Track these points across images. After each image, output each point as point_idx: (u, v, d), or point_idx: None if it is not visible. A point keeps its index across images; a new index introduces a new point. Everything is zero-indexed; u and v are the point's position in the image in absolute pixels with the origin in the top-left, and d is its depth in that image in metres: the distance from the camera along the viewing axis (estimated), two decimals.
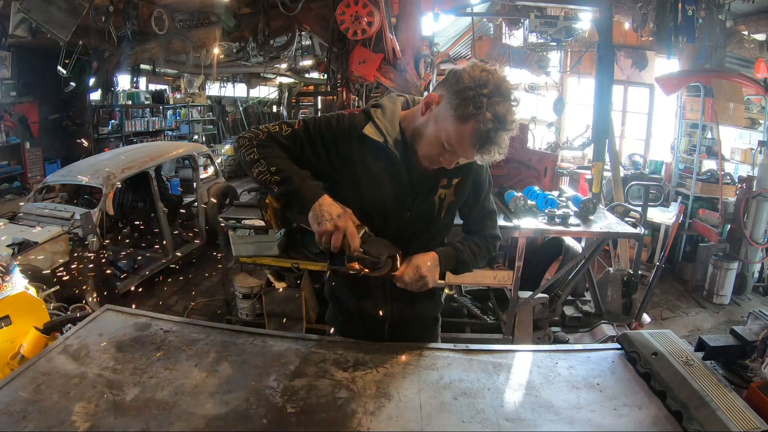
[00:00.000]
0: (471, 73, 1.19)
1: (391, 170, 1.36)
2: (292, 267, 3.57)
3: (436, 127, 1.26)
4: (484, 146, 1.19)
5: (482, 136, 1.17)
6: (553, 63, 8.35)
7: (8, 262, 1.78)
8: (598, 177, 4.56)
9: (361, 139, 1.35)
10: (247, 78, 13.34)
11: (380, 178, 1.37)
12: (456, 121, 1.19)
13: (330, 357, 1.38)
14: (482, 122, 1.16)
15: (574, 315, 3.56)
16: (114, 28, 5.38)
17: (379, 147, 1.34)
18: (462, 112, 1.17)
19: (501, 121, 1.16)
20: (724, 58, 5.66)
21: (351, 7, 4.79)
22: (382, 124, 1.35)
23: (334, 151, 1.37)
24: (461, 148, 1.23)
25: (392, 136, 1.35)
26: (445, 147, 1.25)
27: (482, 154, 1.21)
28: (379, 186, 1.37)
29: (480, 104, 1.15)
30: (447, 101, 1.22)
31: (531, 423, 1.15)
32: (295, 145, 1.35)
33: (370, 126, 1.35)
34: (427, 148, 1.30)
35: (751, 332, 1.33)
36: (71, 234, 4.03)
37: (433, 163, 1.32)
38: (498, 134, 1.17)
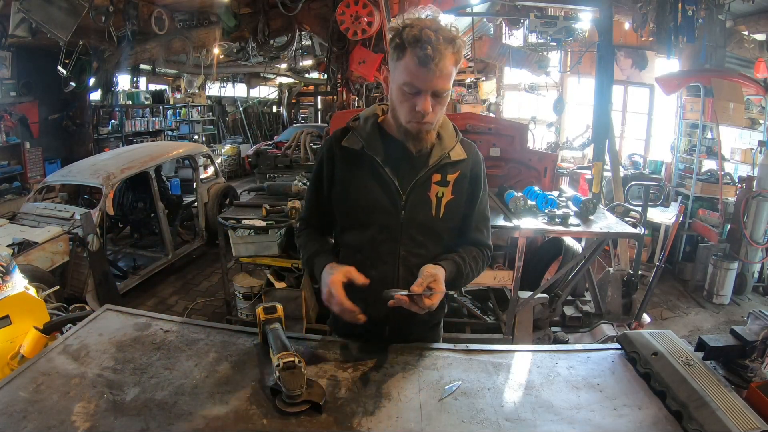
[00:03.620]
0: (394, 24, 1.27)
1: (375, 174, 1.39)
2: (292, 267, 3.57)
3: (394, 84, 1.30)
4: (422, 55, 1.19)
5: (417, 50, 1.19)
6: (553, 63, 8.36)
7: (8, 262, 1.78)
8: (598, 177, 4.55)
9: (342, 152, 1.42)
10: (247, 78, 13.36)
11: (366, 184, 1.40)
12: (398, 62, 1.26)
13: (330, 357, 1.38)
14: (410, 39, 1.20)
15: (574, 315, 3.56)
16: (114, 28, 5.38)
17: (358, 155, 1.39)
18: (397, 51, 1.25)
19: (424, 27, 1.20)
20: (724, 58, 5.66)
21: (351, 7, 4.79)
22: (360, 132, 1.41)
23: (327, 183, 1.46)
24: (414, 78, 1.23)
25: (371, 141, 1.39)
26: (407, 92, 1.26)
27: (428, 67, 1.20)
28: (367, 192, 1.40)
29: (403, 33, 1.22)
30: (390, 58, 1.30)
31: (531, 423, 1.15)
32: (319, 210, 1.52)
33: (349, 137, 1.41)
34: (401, 109, 1.30)
35: (751, 332, 1.33)
36: (71, 234, 4.03)
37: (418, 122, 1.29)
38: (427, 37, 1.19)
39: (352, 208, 1.43)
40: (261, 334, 1.39)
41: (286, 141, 7.96)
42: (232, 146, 11.54)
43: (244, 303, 3.71)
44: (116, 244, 5.70)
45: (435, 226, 1.42)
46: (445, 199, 1.40)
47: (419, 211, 1.39)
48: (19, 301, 1.73)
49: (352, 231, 1.46)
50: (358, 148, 1.38)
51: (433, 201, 1.40)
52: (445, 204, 1.41)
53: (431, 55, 1.19)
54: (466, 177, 1.43)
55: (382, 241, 1.41)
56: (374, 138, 1.39)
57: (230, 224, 3.49)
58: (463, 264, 1.42)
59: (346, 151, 1.40)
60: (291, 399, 1.13)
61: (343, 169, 1.42)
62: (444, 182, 1.40)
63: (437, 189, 1.39)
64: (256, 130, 14.49)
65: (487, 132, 3.88)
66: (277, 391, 1.16)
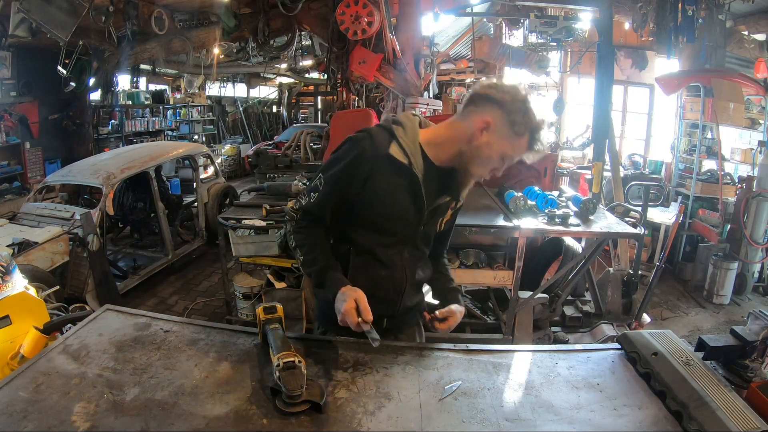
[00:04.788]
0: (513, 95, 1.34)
1: (411, 190, 1.42)
2: (292, 267, 3.57)
3: (498, 147, 1.38)
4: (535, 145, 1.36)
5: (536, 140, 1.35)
6: (553, 63, 8.35)
7: (8, 262, 1.78)
8: (598, 177, 4.55)
9: (386, 160, 1.40)
10: (247, 78, 13.36)
11: (399, 197, 1.43)
12: (515, 137, 1.35)
13: (330, 357, 1.38)
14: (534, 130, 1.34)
15: (574, 315, 3.55)
16: (114, 28, 5.38)
17: (401, 167, 1.40)
18: (519, 129, 1.34)
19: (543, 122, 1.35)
20: (724, 58, 5.66)
21: (351, 7, 4.79)
22: (406, 144, 1.41)
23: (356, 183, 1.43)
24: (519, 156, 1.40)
25: (415, 158, 1.41)
26: (504, 160, 1.40)
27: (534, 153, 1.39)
28: (396, 204, 1.44)
29: (529, 117, 1.33)
30: (502, 122, 1.35)
31: (531, 423, 1.15)
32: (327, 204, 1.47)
33: (395, 146, 1.41)
34: (484, 168, 1.42)
35: (751, 332, 1.33)
36: (71, 234, 4.03)
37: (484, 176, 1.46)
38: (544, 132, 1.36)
39: (379, 215, 1.45)
40: (261, 334, 1.39)
41: (286, 141, 7.97)
42: (232, 146, 11.53)
43: (244, 303, 3.71)
44: (116, 244, 5.70)
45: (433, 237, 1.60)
46: (446, 219, 1.58)
47: (431, 227, 1.54)
48: (19, 301, 1.73)
49: (369, 234, 1.48)
50: (405, 163, 1.40)
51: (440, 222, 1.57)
52: (445, 222, 1.59)
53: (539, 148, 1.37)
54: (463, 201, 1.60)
55: (394, 245, 1.50)
56: (418, 156, 1.42)
57: (230, 224, 3.49)
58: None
59: (390, 160, 1.40)
60: (291, 399, 1.13)
61: (382, 176, 1.41)
62: (455, 208, 1.58)
63: (449, 214, 1.57)
64: (256, 130, 14.49)
65: None
66: (277, 391, 1.16)
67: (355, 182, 1.41)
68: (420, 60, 5.53)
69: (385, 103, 5.99)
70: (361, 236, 1.49)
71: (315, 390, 1.17)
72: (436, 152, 1.44)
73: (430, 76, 5.89)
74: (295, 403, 1.13)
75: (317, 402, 1.14)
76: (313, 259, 1.46)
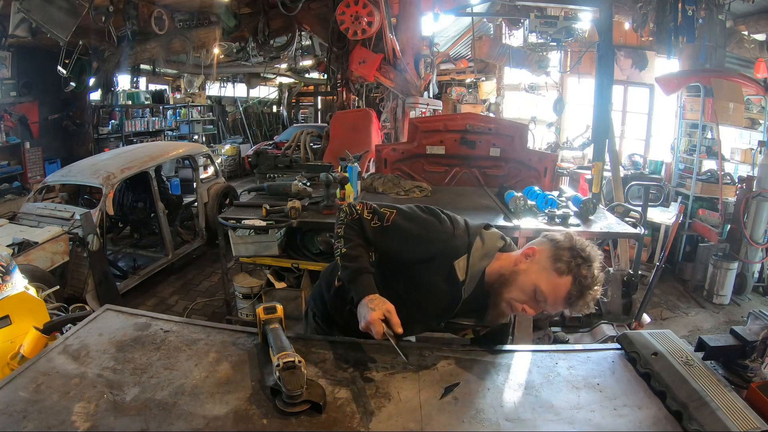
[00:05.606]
0: (570, 238, 1.33)
1: (449, 302, 1.43)
2: (292, 267, 3.57)
3: (534, 277, 1.32)
4: (577, 300, 1.28)
5: (577, 291, 1.27)
6: (553, 63, 8.36)
7: (8, 262, 1.78)
8: (598, 177, 4.55)
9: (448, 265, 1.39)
10: (247, 78, 13.36)
11: (434, 302, 1.44)
12: (554, 273, 1.29)
13: (330, 357, 1.38)
14: (579, 278, 1.27)
15: (574, 315, 3.55)
16: (114, 28, 5.38)
17: (454, 277, 1.39)
18: (561, 267, 1.29)
19: (595, 280, 1.28)
20: (724, 58, 5.66)
21: (351, 7, 4.79)
22: (473, 263, 1.40)
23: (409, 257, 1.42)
24: (552, 299, 1.30)
25: (472, 280, 1.40)
26: (535, 296, 1.32)
27: (570, 307, 1.30)
28: (429, 305, 1.45)
29: (578, 263, 1.27)
30: (546, 255, 1.32)
31: (531, 423, 1.15)
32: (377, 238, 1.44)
33: (463, 261, 1.39)
34: (517, 293, 1.35)
35: (751, 332, 1.33)
36: (71, 234, 4.03)
37: (513, 310, 1.38)
38: (590, 291, 1.27)
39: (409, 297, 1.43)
40: (261, 334, 1.39)
41: (286, 141, 7.97)
42: (232, 146, 11.53)
43: (244, 303, 3.71)
44: (116, 244, 5.70)
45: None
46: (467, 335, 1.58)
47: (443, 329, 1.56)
48: (19, 301, 1.73)
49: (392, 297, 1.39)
50: (461, 279, 1.39)
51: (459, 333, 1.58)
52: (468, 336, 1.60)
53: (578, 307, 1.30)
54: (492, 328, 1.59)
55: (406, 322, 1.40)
56: (474, 280, 1.41)
57: (230, 224, 3.48)
58: None
59: (451, 269, 1.39)
60: (291, 399, 1.13)
61: (435, 273, 1.40)
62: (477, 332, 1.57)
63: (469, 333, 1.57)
64: (256, 130, 14.49)
65: (487, 132, 3.88)
66: (277, 391, 1.16)
67: (409, 255, 1.42)
68: (420, 60, 5.54)
69: (385, 103, 5.99)
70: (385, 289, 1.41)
71: (315, 390, 1.17)
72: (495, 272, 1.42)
73: (430, 76, 5.89)
74: (295, 403, 1.13)
75: (317, 402, 1.14)
76: (355, 257, 1.42)
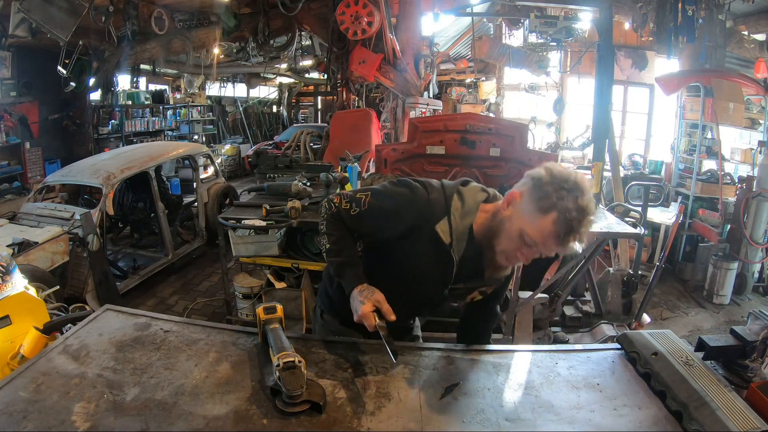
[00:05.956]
0: (550, 171, 1.23)
1: (443, 269, 1.39)
2: (292, 267, 3.57)
3: (518, 222, 1.26)
4: (567, 236, 1.20)
5: (565, 226, 1.18)
6: (553, 63, 8.36)
7: (8, 262, 1.78)
8: (598, 177, 4.55)
9: (430, 232, 1.35)
10: (247, 78, 13.35)
11: (429, 272, 1.41)
12: (538, 213, 1.21)
13: (330, 357, 1.38)
14: (564, 212, 1.17)
15: (574, 315, 3.55)
16: (114, 28, 5.38)
17: (441, 244, 1.35)
18: (543, 204, 1.20)
19: (582, 210, 1.19)
20: (724, 58, 5.66)
21: (351, 7, 4.79)
22: (455, 223, 1.35)
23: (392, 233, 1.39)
24: (542, 240, 1.23)
25: (459, 240, 1.36)
26: (525, 241, 1.25)
27: (563, 245, 1.22)
28: (424, 278, 1.42)
29: (561, 196, 1.18)
30: (528, 196, 1.24)
31: (531, 423, 1.15)
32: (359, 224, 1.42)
33: (444, 223, 1.35)
34: (507, 243, 1.30)
35: (751, 332, 1.33)
36: (71, 234, 4.03)
37: (510, 260, 1.34)
38: (580, 223, 1.19)
39: (405, 275, 1.42)
40: (261, 334, 1.39)
41: (286, 141, 7.96)
42: (232, 146, 11.53)
43: (244, 303, 3.71)
44: (116, 244, 5.70)
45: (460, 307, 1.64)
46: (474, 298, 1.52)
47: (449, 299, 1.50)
48: (19, 301, 1.73)
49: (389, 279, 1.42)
50: (446, 243, 1.35)
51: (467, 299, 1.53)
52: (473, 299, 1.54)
53: (571, 242, 1.21)
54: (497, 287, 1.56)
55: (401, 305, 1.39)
56: (462, 240, 1.37)
57: (230, 224, 3.48)
58: None
59: (434, 234, 1.35)
60: (291, 399, 1.13)
61: (420, 243, 1.37)
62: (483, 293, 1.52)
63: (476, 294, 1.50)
64: (256, 130, 14.49)
65: (487, 132, 3.87)
66: (277, 391, 1.16)
67: (391, 232, 1.39)
68: (420, 60, 5.54)
69: (385, 103, 5.99)
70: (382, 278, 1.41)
71: (315, 390, 1.17)
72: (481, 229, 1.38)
73: (430, 76, 5.89)
74: (295, 403, 1.13)
75: (317, 402, 1.14)
76: (339, 251, 1.42)
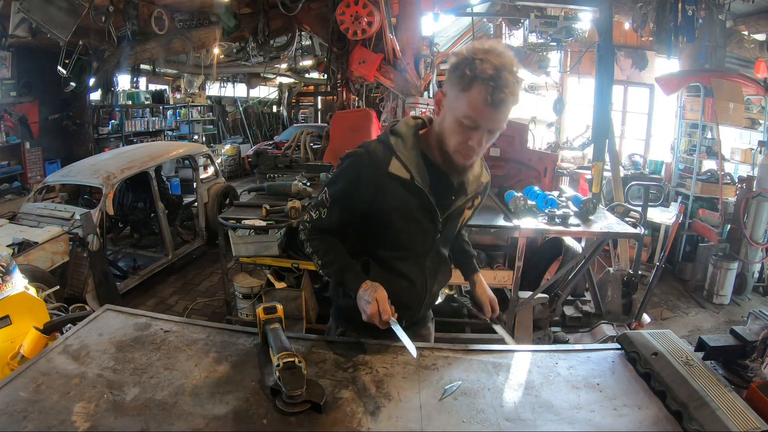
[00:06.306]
0: (462, 51, 1.21)
1: (421, 202, 1.38)
2: (292, 267, 3.57)
3: (451, 113, 1.24)
4: (496, 96, 1.15)
5: (490, 89, 1.14)
6: (553, 63, 8.33)
7: (8, 262, 1.78)
8: (598, 177, 4.56)
9: (389, 179, 1.34)
10: (247, 78, 13.35)
11: (411, 212, 1.39)
12: (463, 94, 1.19)
13: (330, 357, 1.38)
14: (483, 78, 1.14)
15: (574, 315, 3.55)
16: (114, 28, 5.38)
17: (405, 183, 1.35)
18: (464, 82, 1.17)
19: (500, 67, 1.14)
20: (724, 58, 5.66)
21: (351, 7, 4.79)
22: (406, 157, 1.34)
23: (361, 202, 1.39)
24: (477, 114, 1.19)
25: (418, 169, 1.35)
26: (466, 126, 1.22)
27: (498, 107, 1.17)
28: (410, 220, 1.41)
29: (475, 66, 1.15)
30: (449, 84, 1.23)
31: (531, 423, 1.15)
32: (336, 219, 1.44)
33: (395, 162, 1.34)
34: (454, 140, 1.27)
35: (751, 332, 1.33)
36: (71, 234, 4.03)
37: (466, 155, 1.28)
38: (502, 78, 1.14)
39: (392, 231, 1.42)
40: (261, 334, 1.39)
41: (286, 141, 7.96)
42: (232, 146, 11.53)
43: (244, 303, 3.71)
44: (116, 244, 5.70)
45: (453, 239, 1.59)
46: (466, 218, 1.54)
47: (449, 231, 1.50)
48: (19, 301, 1.73)
49: (386, 248, 1.45)
50: (408, 178, 1.34)
51: (460, 223, 1.53)
52: (464, 221, 1.55)
53: (504, 100, 1.16)
54: (485, 196, 1.55)
55: (414, 258, 1.47)
56: (421, 167, 1.35)
57: (230, 224, 3.48)
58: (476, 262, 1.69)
59: (393, 178, 1.34)
60: (291, 399, 1.13)
61: (390, 196, 1.35)
62: (472, 206, 1.52)
63: (467, 213, 1.51)
64: (256, 130, 14.49)
65: None
66: (277, 391, 1.16)
67: (359, 201, 1.38)
68: (420, 60, 5.53)
69: (385, 103, 5.99)
70: (377, 250, 1.45)
71: (315, 390, 1.17)
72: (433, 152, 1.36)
73: (430, 76, 5.88)
74: (295, 403, 1.13)
75: (317, 402, 1.14)
76: (331, 261, 1.44)
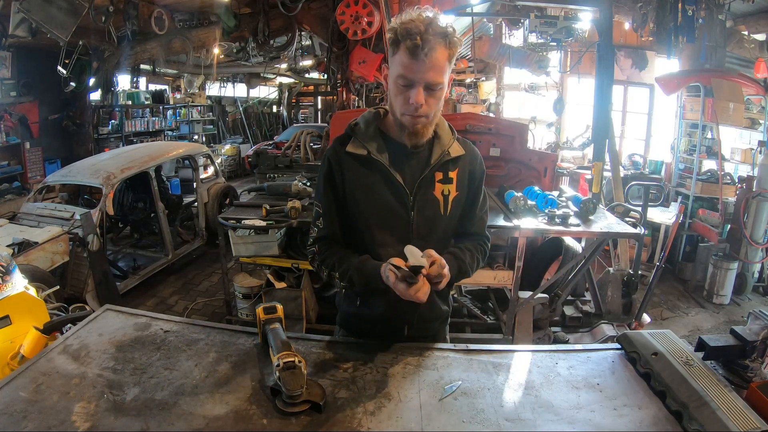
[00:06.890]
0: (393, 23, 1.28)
1: (384, 177, 1.39)
2: (292, 267, 3.57)
3: (391, 80, 1.32)
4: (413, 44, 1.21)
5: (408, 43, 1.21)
6: (553, 63, 8.35)
7: (8, 262, 1.78)
8: (598, 177, 4.55)
9: (348, 159, 1.40)
10: (247, 78, 13.36)
11: (376, 188, 1.40)
12: (393, 58, 1.28)
13: (330, 357, 1.38)
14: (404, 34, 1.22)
15: (574, 315, 3.56)
16: (114, 28, 5.38)
17: (365, 160, 1.39)
18: (393, 47, 1.27)
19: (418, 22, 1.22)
20: (724, 58, 5.66)
21: (351, 7, 4.79)
22: (362, 136, 1.41)
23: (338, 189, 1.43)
24: (407, 70, 1.25)
25: (374, 144, 1.40)
26: (401, 85, 1.28)
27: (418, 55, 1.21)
28: (376, 196, 1.40)
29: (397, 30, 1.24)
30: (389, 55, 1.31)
31: (531, 423, 1.15)
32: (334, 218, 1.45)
33: (351, 144, 1.41)
34: (396, 102, 1.32)
35: (751, 332, 1.33)
36: (71, 234, 4.03)
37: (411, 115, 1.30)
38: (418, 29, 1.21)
39: (363, 213, 1.42)
40: (261, 334, 1.39)
41: (286, 141, 7.97)
42: (232, 146, 11.53)
43: (244, 303, 3.71)
44: (116, 244, 5.70)
45: (443, 224, 1.46)
46: (451, 196, 1.44)
47: (427, 210, 1.42)
48: (19, 301, 1.73)
49: (362, 235, 1.44)
50: (365, 154, 1.39)
51: (441, 200, 1.43)
52: (452, 201, 1.44)
53: (420, 45, 1.21)
54: (466, 172, 1.47)
55: (393, 243, 1.41)
56: (378, 142, 1.40)
57: (230, 224, 3.49)
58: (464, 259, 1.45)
59: (351, 157, 1.40)
60: (291, 399, 1.13)
61: (351, 176, 1.41)
62: (447, 179, 1.43)
63: (442, 187, 1.42)
64: (256, 130, 14.49)
65: (487, 132, 3.88)
66: (277, 391, 1.16)
67: (336, 189, 1.43)
68: None
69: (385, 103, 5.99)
70: (362, 239, 1.45)
71: (315, 390, 1.17)
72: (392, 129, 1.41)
73: None
74: (295, 403, 1.13)
75: (317, 402, 1.15)
76: (346, 270, 1.40)
